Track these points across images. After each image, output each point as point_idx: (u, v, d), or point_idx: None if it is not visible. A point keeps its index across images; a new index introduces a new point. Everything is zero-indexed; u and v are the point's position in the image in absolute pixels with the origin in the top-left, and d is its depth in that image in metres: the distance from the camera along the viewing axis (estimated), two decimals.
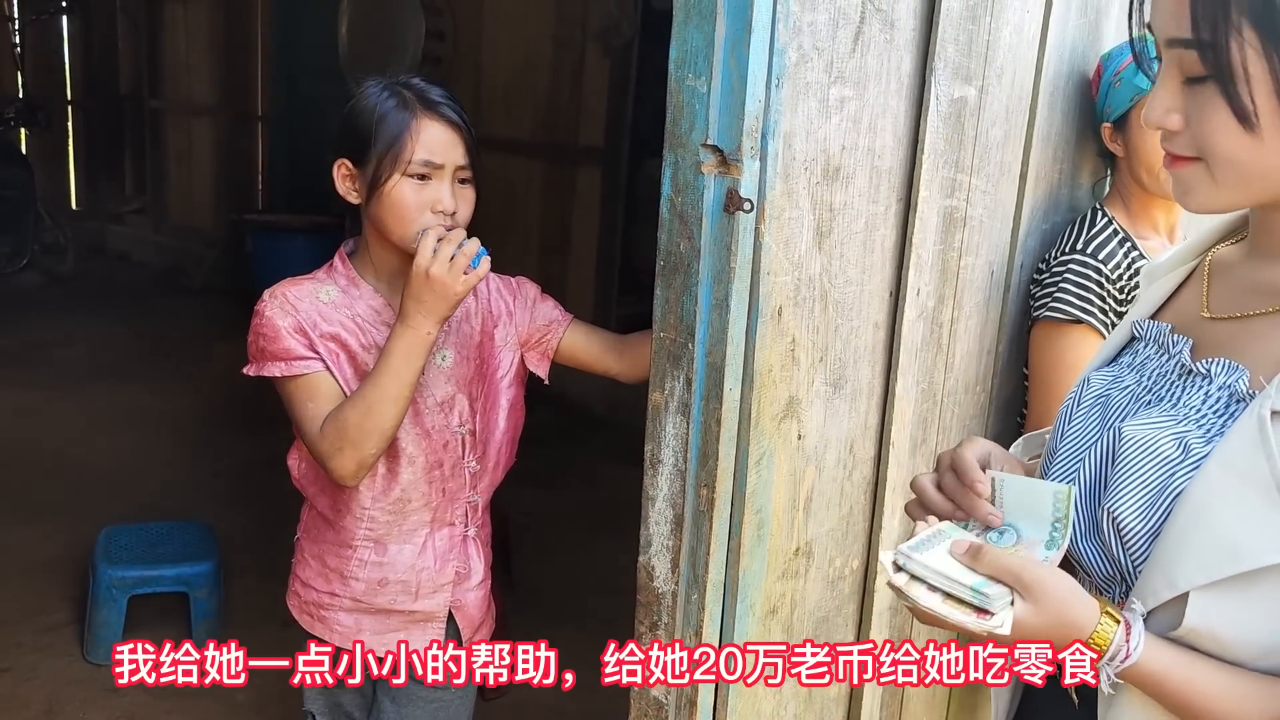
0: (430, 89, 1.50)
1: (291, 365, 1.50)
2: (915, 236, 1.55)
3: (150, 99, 8.19)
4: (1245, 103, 0.84)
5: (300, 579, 1.67)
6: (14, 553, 3.45)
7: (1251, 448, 0.82)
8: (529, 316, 1.69)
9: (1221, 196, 0.90)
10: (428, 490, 1.58)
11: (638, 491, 1.47)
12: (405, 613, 1.62)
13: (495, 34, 5.68)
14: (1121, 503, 0.90)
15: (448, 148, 1.49)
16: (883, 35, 1.42)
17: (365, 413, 1.45)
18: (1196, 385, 0.91)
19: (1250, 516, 0.81)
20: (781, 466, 1.45)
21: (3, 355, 5.62)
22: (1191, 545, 0.84)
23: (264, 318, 1.51)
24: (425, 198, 1.48)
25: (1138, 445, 0.91)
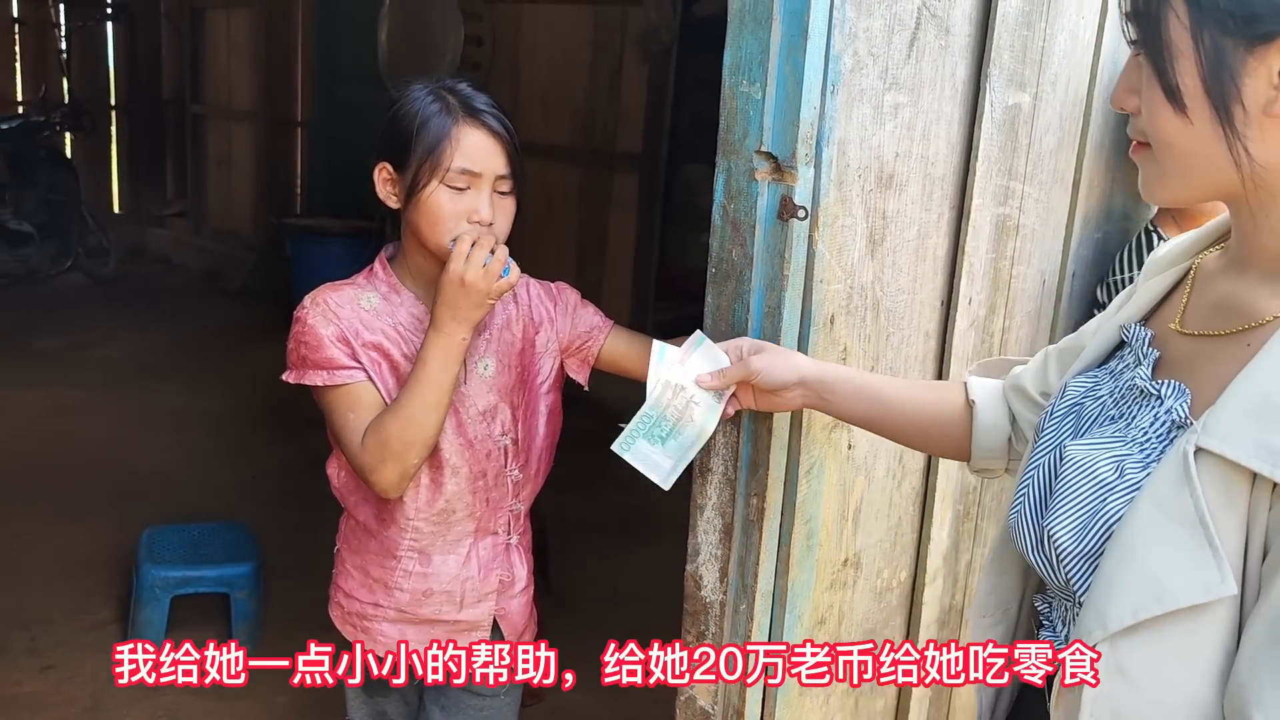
0: (475, 96, 1.48)
1: (334, 375, 1.49)
2: (968, 245, 1.54)
3: (192, 104, 8.29)
4: (1172, 80, 0.81)
5: (343, 589, 1.66)
6: (58, 551, 3.49)
7: (1177, 484, 0.79)
8: (570, 323, 1.67)
9: (1169, 186, 0.86)
10: (471, 500, 1.57)
11: (673, 498, 1.47)
12: (450, 622, 1.61)
13: (534, 40, 5.70)
14: (1057, 523, 0.88)
15: (488, 156, 1.47)
16: (938, 41, 1.41)
17: (406, 423, 1.44)
18: (1149, 405, 0.88)
19: (1175, 555, 0.78)
20: (831, 476, 1.44)
21: (47, 355, 5.70)
22: (1121, 583, 0.81)
23: (306, 325, 1.50)
24: (462, 206, 1.46)
25: (1076, 466, 0.89)
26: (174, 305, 7.00)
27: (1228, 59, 0.78)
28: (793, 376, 1.24)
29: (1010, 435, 1.21)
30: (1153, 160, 0.85)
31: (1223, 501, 0.77)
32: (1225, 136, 0.80)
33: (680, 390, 1.31)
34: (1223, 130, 0.80)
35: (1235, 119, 0.79)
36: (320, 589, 3.34)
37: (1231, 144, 0.80)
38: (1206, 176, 0.83)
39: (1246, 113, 0.79)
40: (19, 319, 6.27)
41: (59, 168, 7.24)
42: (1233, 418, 0.77)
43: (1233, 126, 0.79)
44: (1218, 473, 0.77)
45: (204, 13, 8.08)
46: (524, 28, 5.74)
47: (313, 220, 6.40)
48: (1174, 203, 0.90)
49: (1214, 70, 0.79)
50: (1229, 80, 0.78)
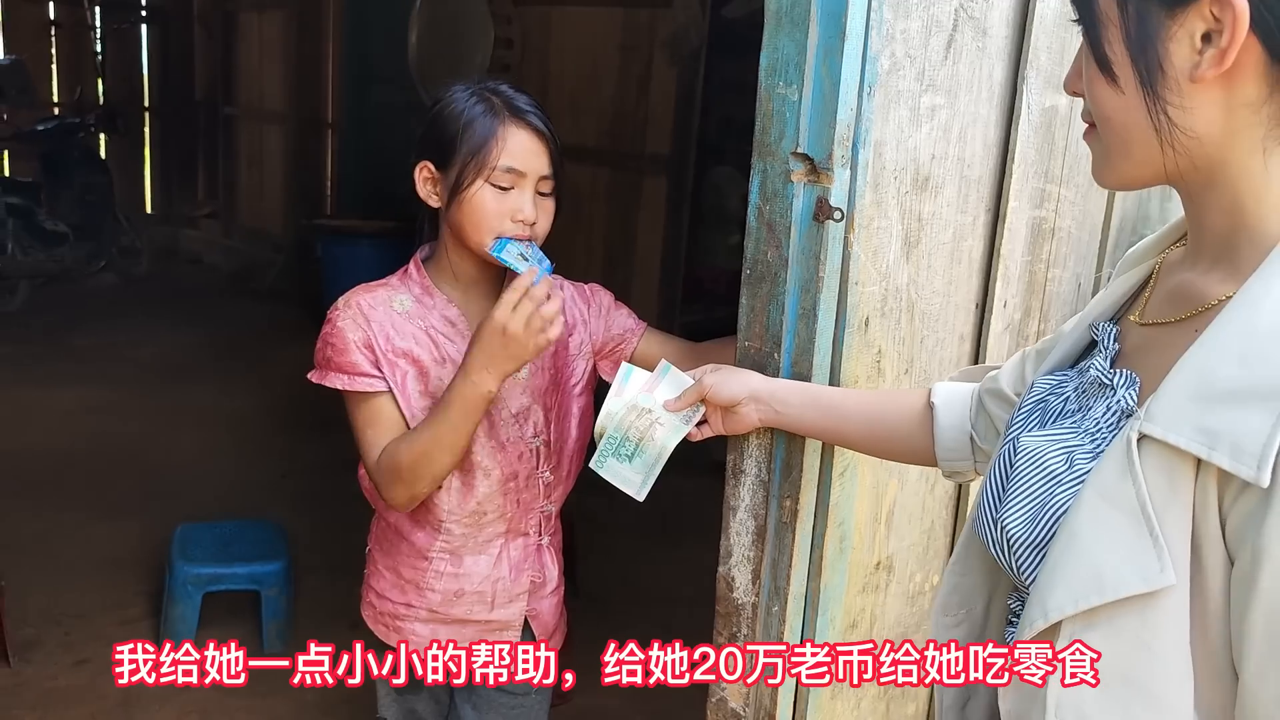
0: (518, 96, 1.49)
1: (354, 380, 1.50)
2: (1003, 248, 1.53)
3: (224, 106, 8.38)
4: (1103, 50, 0.80)
5: (374, 590, 1.67)
6: (93, 547, 3.54)
7: (1119, 472, 0.77)
8: (603, 325, 1.68)
9: (1113, 165, 0.85)
10: (503, 502, 1.58)
11: (699, 499, 1.47)
12: (481, 623, 1.62)
13: (563, 42, 5.72)
14: (1009, 514, 0.88)
15: (532, 156, 1.47)
16: (975, 43, 1.40)
17: (418, 457, 1.46)
18: (1104, 396, 0.87)
19: (1116, 544, 0.77)
20: (865, 479, 1.44)
21: (82, 353, 5.77)
22: (1063, 572, 0.80)
23: (335, 326, 1.51)
24: (506, 206, 1.46)
25: (1028, 457, 0.88)
26: (205, 305, 7.07)
27: (1150, 23, 0.77)
28: (743, 391, 1.29)
29: (972, 434, 1.21)
30: (1099, 141, 0.85)
31: (1166, 489, 0.75)
32: (1146, 102, 0.79)
33: (646, 413, 1.37)
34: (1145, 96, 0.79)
35: (1158, 84, 0.78)
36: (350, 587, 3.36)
37: (1153, 110, 0.78)
38: (1145, 152, 0.81)
39: (1168, 78, 0.78)
40: (54, 318, 6.36)
41: (94, 169, 7.33)
42: (1174, 401, 0.76)
43: (1156, 92, 0.78)
44: (1161, 459, 0.76)
45: (236, 15, 8.16)
46: (553, 30, 5.76)
47: (342, 221, 6.45)
48: (1120, 185, 0.88)
49: (1137, 36, 0.78)
50: (1151, 45, 0.78)
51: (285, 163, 7.77)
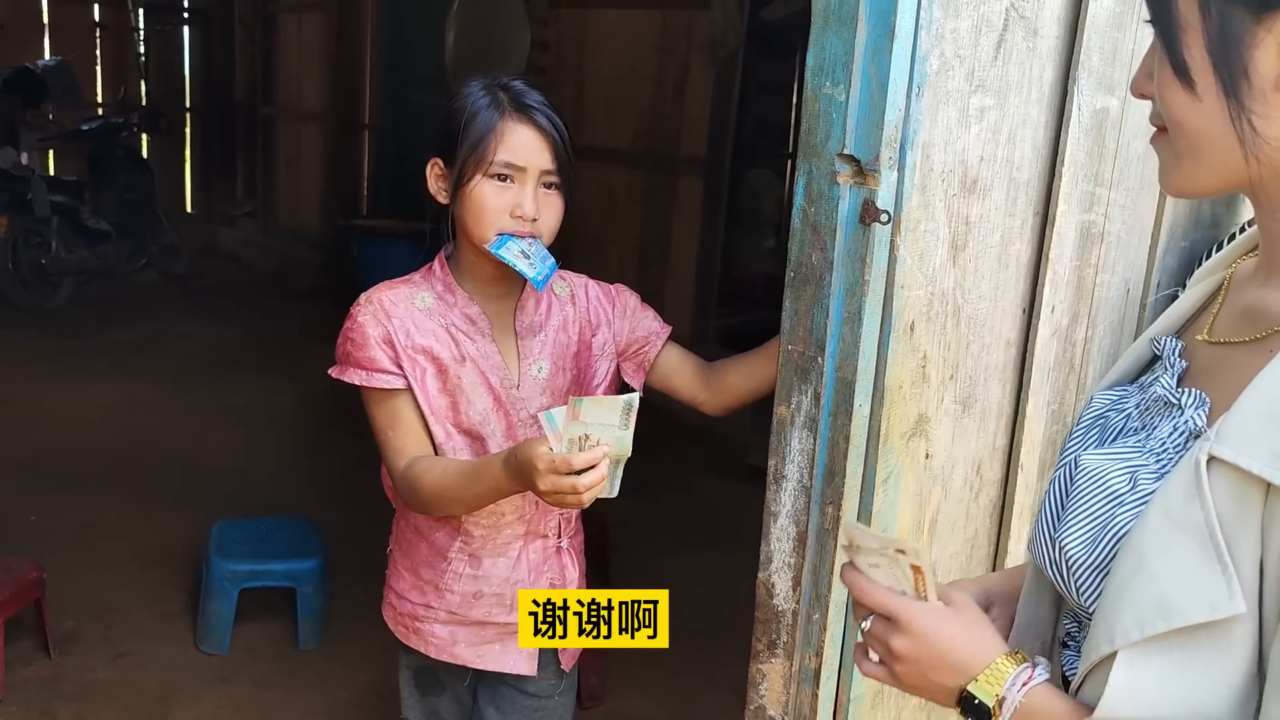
0: (528, 92, 1.48)
1: (372, 376, 1.50)
2: (1052, 252, 1.50)
3: (263, 106, 8.47)
4: (1180, 54, 0.77)
5: (395, 591, 1.67)
6: (132, 541, 3.57)
7: (1187, 495, 0.74)
8: (627, 326, 1.66)
9: (1184, 172, 0.81)
10: (521, 503, 1.57)
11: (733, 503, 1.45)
12: (500, 624, 1.61)
13: (599, 44, 5.72)
14: (1068, 535, 0.85)
15: (532, 151, 1.46)
16: (1025, 43, 1.38)
17: (439, 497, 1.48)
18: (1170, 415, 0.84)
19: (1183, 569, 0.74)
20: (908, 486, 1.41)
21: (123, 349, 5.85)
22: (1129, 597, 0.77)
23: (356, 322, 1.51)
24: (506, 200, 1.46)
25: (1089, 476, 0.85)
26: (243, 303, 7.14)
27: (1234, 29, 0.74)
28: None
29: None
30: (1168, 145, 0.82)
31: (1236, 514, 0.72)
32: (1230, 111, 0.76)
33: (585, 440, 1.30)
34: (1228, 105, 0.76)
35: (1242, 93, 0.75)
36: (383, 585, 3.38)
37: (1236, 119, 0.76)
38: (1220, 160, 0.78)
39: (1253, 87, 0.75)
40: (96, 314, 6.45)
41: (136, 168, 7.43)
42: (1246, 424, 0.73)
43: (1239, 100, 0.75)
44: (1231, 483, 0.73)
45: (276, 17, 8.24)
46: (589, 33, 5.76)
47: (378, 221, 6.50)
48: (1190, 192, 0.85)
49: (1220, 41, 0.75)
50: (1235, 52, 0.74)
51: (323, 163, 7.84)
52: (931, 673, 0.86)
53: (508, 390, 1.55)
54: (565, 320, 1.61)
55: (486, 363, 1.54)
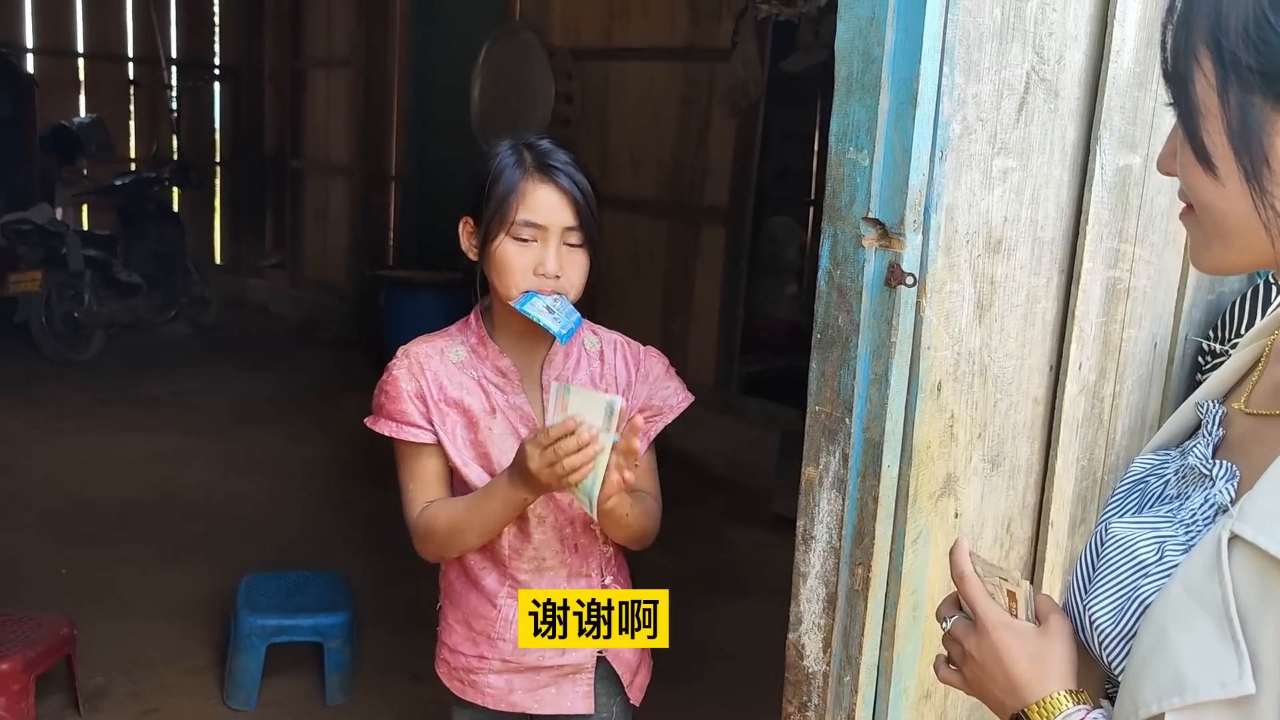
0: (553, 152, 1.51)
1: (402, 429, 1.55)
2: (1078, 309, 1.50)
3: (292, 159, 8.61)
4: (1201, 141, 0.78)
5: (447, 645, 1.68)
6: (160, 595, 3.59)
7: (1208, 571, 0.74)
8: (646, 391, 1.65)
9: (1212, 251, 0.82)
10: (560, 548, 1.60)
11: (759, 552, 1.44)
12: (554, 667, 1.62)
13: (622, 96, 5.80)
14: (1095, 602, 0.85)
15: (553, 210, 1.49)
16: (1047, 105, 1.39)
17: (451, 533, 1.54)
18: (1203, 487, 0.84)
19: (1199, 646, 0.74)
20: (938, 546, 1.41)
21: (153, 401, 5.91)
22: (1150, 669, 0.77)
23: (391, 375, 1.57)
24: (529, 259, 1.49)
25: (1117, 545, 0.85)
26: (271, 354, 7.21)
27: (1254, 118, 0.75)
28: None
29: None
30: (1197, 224, 0.83)
31: (1258, 593, 0.72)
32: (1253, 196, 0.76)
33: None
34: (1250, 190, 0.76)
35: (1264, 178, 0.76)
36: (411, 638, 3.37)
37: (1259, 206, 0.76)
38: (1246, 241, 0.79)
39: (1274, 172, 0.76)
40: (127, 366, 6.53)
41: (167, 221, 7.54)
42: (1268, 504, 0.73)
43: (1261, 185, 0.76)
44: (1253, 562, 0.72)
45: (305, 72, 8.41)
46: (612, 84, 5.84)
47: (405, 272, 6.57)
48: (1220, 271, 0.86)
49: (1240, 130, 0.76)
50: (1256, 140, 0.75)
51: (350, 215, 7.95)
52: (993, 685, 0.88)
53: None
54: (593, 376, 1.63)
55: (516, 414, 1.58)
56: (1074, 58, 1.42)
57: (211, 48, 8.98)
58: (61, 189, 7.48)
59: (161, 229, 7.40)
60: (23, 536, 3.99)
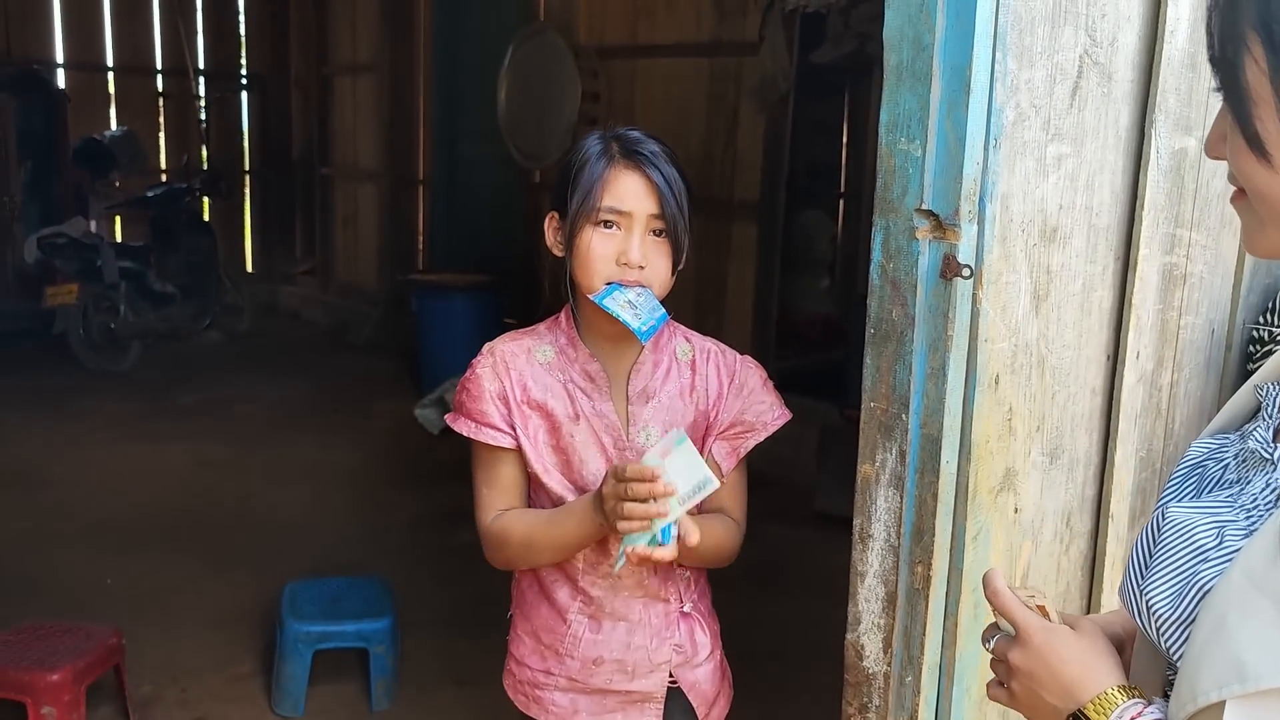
0: (642, 141, 1.47)
1: (480, 430, 1.50)
2: (1135, 297, 1.47)
3: (320, 166, 8.65)
4: (1252, 127, 0.75)
5: (515, 657, 1.63)
6: (205, 603, 3.61)
7: (1269, 558, 0.73)
8: (739, 405, 1.56)
9: (1267, 236, 0.80)
10: (638, 569, 1.53)
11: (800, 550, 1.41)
12: (622, 693, 1.56)
13: (649, 93, 5.78)
14: (1153, 588, 0.83)
15: (638, 197, 1.44)
16: (1100, 89, 1.36)
17: (526, 545, 1.50)
18: (1265, 470, 0.82)
19: (1260, 633, 0.72)
20: (998, 542, 1.38)
21: (190, 410, 5.96)
22: (1208, 657, 0.76)
23: (475, 373, 1.51)
24: (612, 248, 1.44)
25: (1176, 529, 0.84)
26: (304, 360, 7.25)
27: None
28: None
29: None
30: (1250, 209, 0.81)
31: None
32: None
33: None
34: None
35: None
36: (454, 644, 3.37)
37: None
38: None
39: None
40: (164, 376, 6.59)
41: (199, 231, 7.60)
42: None
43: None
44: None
45: (331, 79, 8.45)
46: (639, 82, 5.82)
47: (435, 275, 6.57)
48: (1274, 254, 0.84)
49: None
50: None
51: (379, 220, 7.98)
52: (1044, 691, 0.88)
53: (620, 452, 1.51)
54: (682, 389, 1.56)
55: (601, 422, 1.51)
56: (1127, 39, 1.39)
57: (238, 58, 9.05)
58: (95, 202, 7.57)
59: (194, 239, 7.46)
60: (68, 548, 4.03)
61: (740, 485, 1.60)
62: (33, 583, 3.66)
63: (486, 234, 6.90)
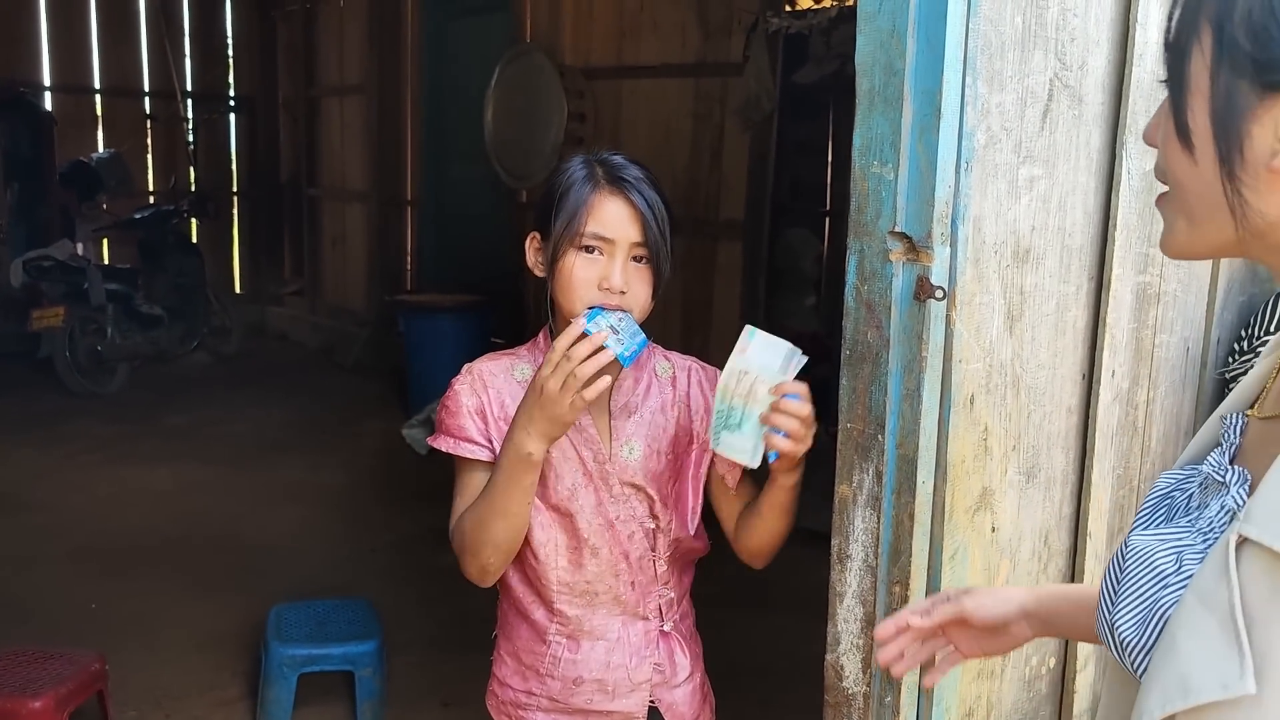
0: (625, 166, 1.48)
1: (459, 445, 1.51)
2: (1109, 316, 1.49)
3: (308, 187, 8.67)
4: (1184, 116, 0.77)
5: (497, 677, 1.63)
6: (190, 626, 3.59)
7: (1217, 575, 0.74)
8: None
9: (1178, 232, 0.82)
10: (615, 583, 1.54)
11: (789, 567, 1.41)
12: (602, 713, 1.57)
13: (635, 113, 5.81)
14: (1121, 617, 0.84)
15: (622, 223, 1.45)
16: (1071, 111, 1.38)
17: (477, 524, 1.45)
18: (1220, 494, 0.84)
19: (1206, 648, 0.73)
20: (975, 561, 1.39)
21: (177, 432, 5.94)
22: (1159, 675, 0.76)
23: (453, 390, 1.53)
24: (594, 273, 1.45)
25: (1138, 558, 0.85)
26: (292, 380, 7.24)
27: (1238, 102, 0.74)
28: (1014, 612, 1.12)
29: None
30: (1170, 206, 0.83)
31: (1266, 592, 0.71)
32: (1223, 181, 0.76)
33: (744, 375, 1.35)
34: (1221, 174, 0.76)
35: (1235, 163, 0.75)
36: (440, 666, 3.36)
37: (1227, 190, 0.76)
38: (1212, 223, 0.78)
39: (1246, 160, 0.75)
40: (151, 398, 6.57)
41: (186, 253, 7.60)
42: (1273, 502, 0.72)
43: (1231, 170, 0.75)
44: (1262, 563, 0.71)
45: (319, 101, 8.48)
46: (625, 102, 5.86)
47: (423, 296, 6.58)
48: (1185, 254, 0.85)
49: (1222, 111, 0.75)
50: (1234, 123, 0.75)
51: (367, 240, 7.98)
52: None
53: (600, 465, 1.52)
54: (665, 403, 1.57)
55: (579, 436, 1.52)
56: (1096, 63, 1.41)
57: (226, 80, 9.07)
58: (82, 224, 7.56)
59: (181, 260, 7.46)
60: (52, 572, 4.00)
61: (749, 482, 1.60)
62: (16, 607, 3.64)
63: (474, 254, 6.91)
